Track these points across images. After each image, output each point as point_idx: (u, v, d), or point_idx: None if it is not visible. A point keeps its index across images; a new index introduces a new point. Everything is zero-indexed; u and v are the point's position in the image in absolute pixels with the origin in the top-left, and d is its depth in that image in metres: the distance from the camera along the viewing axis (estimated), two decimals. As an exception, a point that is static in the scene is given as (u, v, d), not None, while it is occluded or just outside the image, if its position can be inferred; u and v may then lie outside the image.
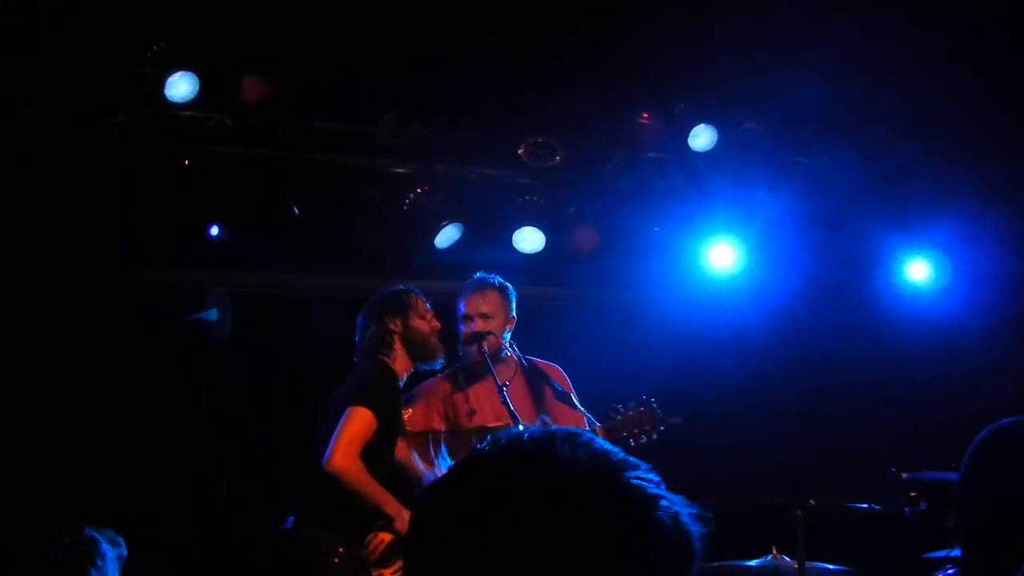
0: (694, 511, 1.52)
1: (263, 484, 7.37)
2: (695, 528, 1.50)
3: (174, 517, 7.41)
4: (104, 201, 7.30)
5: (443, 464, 6.28)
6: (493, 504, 1.43)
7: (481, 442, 1.58)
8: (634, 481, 1.47)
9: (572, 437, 1.49)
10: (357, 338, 6.16)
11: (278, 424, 7.57)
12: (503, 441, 1.51)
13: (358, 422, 5.65)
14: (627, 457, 1.51)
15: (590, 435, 1.52)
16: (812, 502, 6.77)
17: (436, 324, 6.20)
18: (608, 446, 1.51)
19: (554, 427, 1.53)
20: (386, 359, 6.00)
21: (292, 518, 5.88)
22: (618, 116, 8.13)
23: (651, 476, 1.50)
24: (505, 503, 1.42)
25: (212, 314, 7.40)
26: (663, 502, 1.48)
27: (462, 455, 1.56)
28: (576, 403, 6.35)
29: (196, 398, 7.71)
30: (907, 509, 6.55)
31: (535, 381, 6.54)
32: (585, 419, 6.32)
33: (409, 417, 6.32)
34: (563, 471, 1.45)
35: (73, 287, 7.30)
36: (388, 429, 5.84)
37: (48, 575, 2.86)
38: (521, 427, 5.67)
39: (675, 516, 1.47)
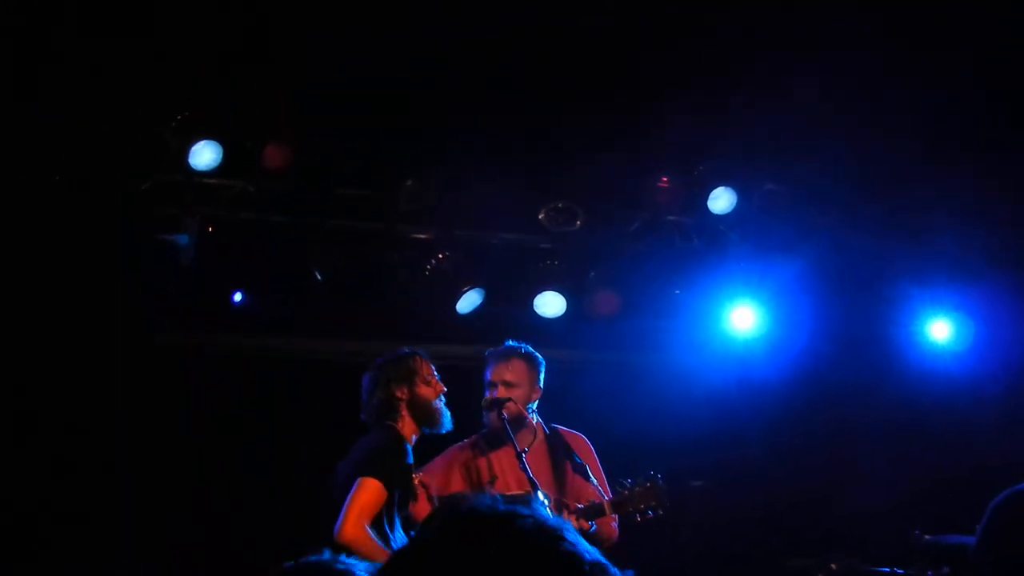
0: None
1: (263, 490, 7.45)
2: None
3: (174, 517, 7.46)
4: (129, 268, 7.37)
5: None
6: None
7: None
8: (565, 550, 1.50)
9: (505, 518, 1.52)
10: (363, 399, 6.16)
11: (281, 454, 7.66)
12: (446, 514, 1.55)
13: (368, 493, 5.65)
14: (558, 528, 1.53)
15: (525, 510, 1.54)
16: (834, 565, 6.72)
17: (441, 388, 6.16)
18: (542, 520, 1.53)
19: (502, 503, 1.56)
20: (394, 425, 6.01)
21: None
22: (638, 180, 8.17)
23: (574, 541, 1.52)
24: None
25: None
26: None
27: None
28: (590, 476, 6.31)
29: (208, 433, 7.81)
30: (930, 573, 6.49)
31: (557, 450, 6.51)
32: (597, 492, 6.30)
33: (429, 481, 6.32)
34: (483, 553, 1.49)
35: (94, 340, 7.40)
36: (399, 496, 5.84)
37: None
38: (540, 494, 5.70)
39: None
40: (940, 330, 8.63)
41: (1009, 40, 7.28)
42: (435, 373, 6.18)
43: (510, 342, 6.58)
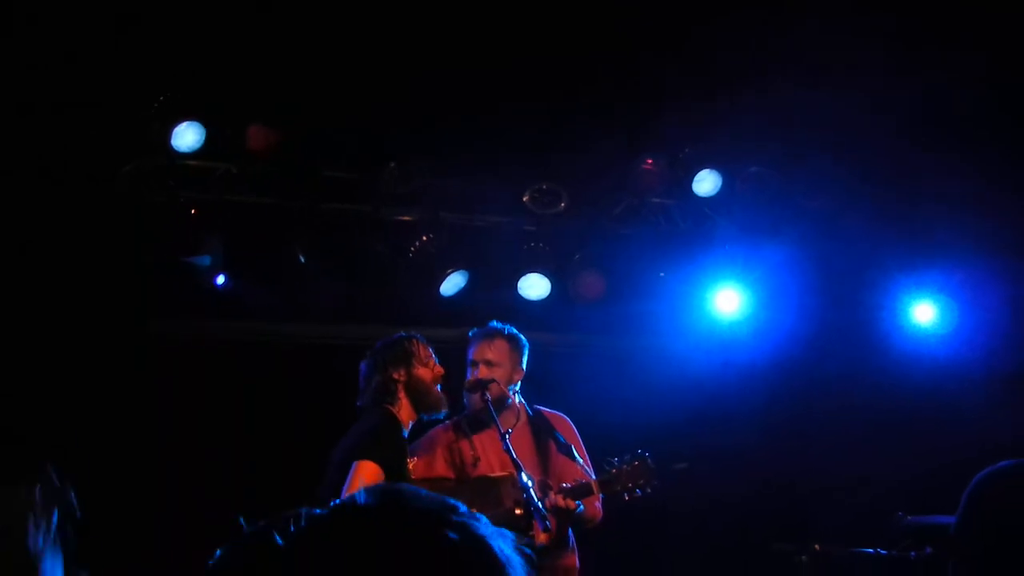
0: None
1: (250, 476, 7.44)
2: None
3: (172, 518, 7.45)
4: (112, 252, 7.33)
5: None
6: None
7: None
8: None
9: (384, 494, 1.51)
10: (361, 385, 6.14)
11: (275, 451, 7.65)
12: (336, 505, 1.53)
13: (365, 476, 5.62)
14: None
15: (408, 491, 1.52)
16: (817, 547, 6.73)
17: (440, 370, 6.14)
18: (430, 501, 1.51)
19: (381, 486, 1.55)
20: (391, 408, 5.98)
21: None
22: (622, 162, 8.16)
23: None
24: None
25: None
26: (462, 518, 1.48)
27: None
28: (576, 456, 6.29)
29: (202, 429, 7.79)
30: (912, 553, 6.51)
31: (540, 431, 6.49)
32: (583, 471, 6.29)
33: (413, 467, 6.29)
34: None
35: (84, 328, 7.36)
36: (394, 480, 5.81)
37: None
38: (524, 476, 5.68)
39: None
40: (924, 313, 8.64)
41: (1000, 28, 7.28)
42: (433, 356, 6.16)
43: (494, 322, 6.57)
